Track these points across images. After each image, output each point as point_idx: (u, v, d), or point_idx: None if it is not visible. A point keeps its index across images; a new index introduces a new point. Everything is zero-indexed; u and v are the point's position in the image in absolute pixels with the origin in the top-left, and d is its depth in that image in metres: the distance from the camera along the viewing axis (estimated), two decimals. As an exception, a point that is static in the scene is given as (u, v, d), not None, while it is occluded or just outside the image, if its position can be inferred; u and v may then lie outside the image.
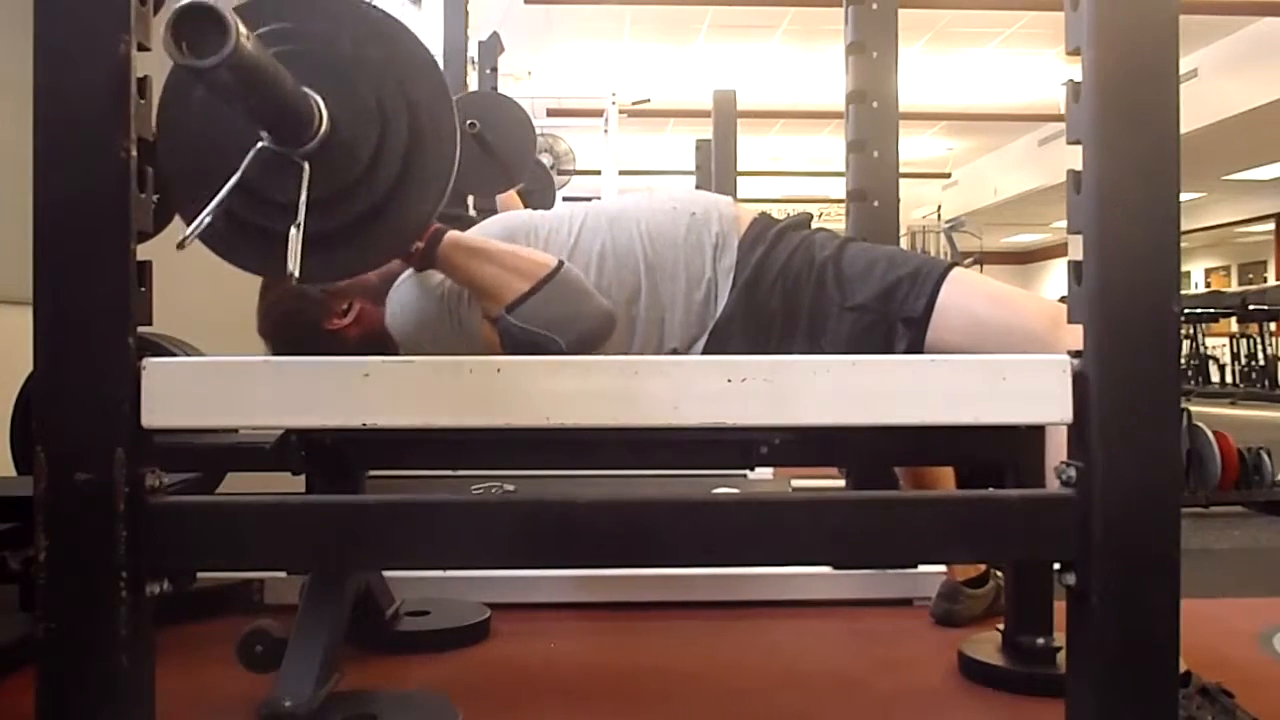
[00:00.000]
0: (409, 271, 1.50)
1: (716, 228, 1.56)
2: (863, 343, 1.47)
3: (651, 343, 1.52)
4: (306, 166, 0.96)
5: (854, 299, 1.50)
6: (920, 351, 1.47)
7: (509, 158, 2.22)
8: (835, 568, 2.03)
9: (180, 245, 0.94)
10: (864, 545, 1.03)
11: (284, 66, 0.91)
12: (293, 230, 0.95)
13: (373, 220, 1.00)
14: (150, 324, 0.94)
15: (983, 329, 1.47)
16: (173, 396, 0.94)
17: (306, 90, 0.95)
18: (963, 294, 1.50)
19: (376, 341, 1.49)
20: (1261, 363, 9.56)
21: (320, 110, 0.96)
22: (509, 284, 1.35)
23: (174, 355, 1.71)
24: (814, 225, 1.67)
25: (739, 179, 4.18)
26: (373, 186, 0.99)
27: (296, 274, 0.95)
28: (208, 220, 0.94)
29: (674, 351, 1.51)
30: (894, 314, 1.49)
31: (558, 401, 0.98)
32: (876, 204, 2.19)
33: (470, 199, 2.71)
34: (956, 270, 1.53)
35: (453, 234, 1.37)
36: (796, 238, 1.58)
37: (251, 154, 0.95)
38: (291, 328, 1.49)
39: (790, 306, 1.52)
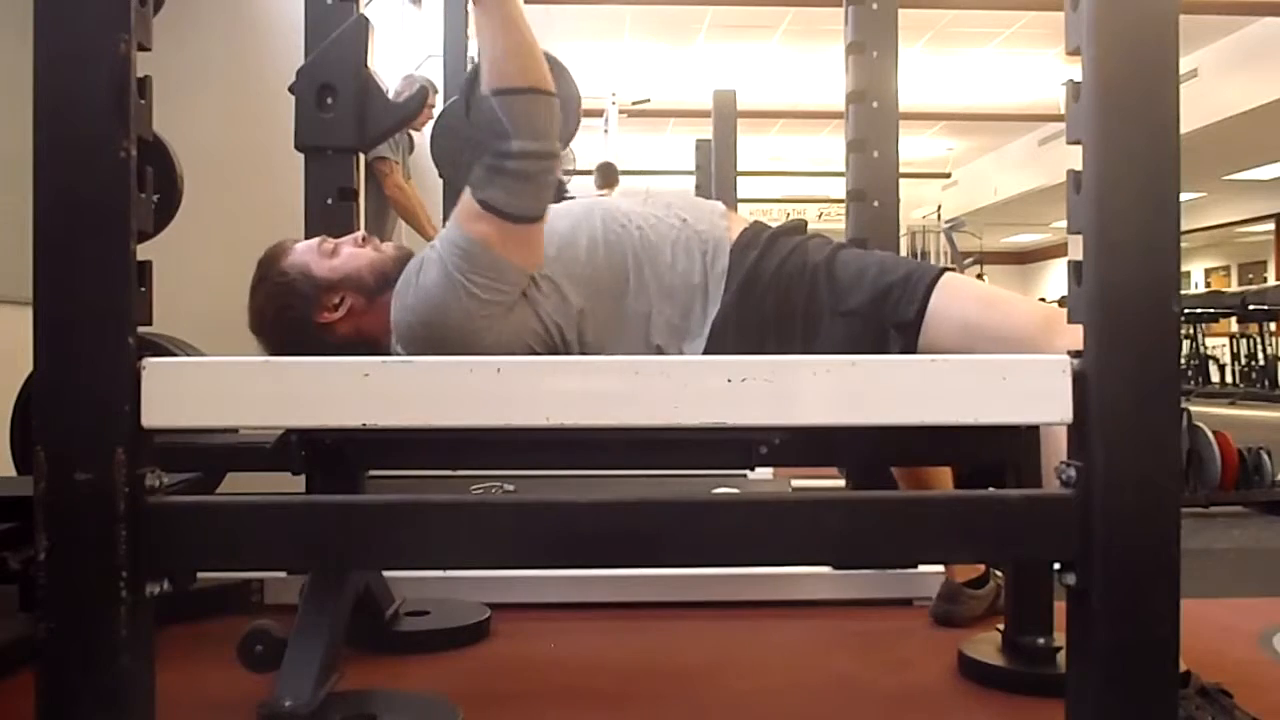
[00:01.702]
0: (413, 261, 1.50)
1: (709, 233, 1.56)
2: (855, 348, 1.47)
3: (638, 339, 1.52)
4: None
5: (846, 305, 1.50)
6: None
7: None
8: (835, 568, 2.03)
9: None
10: (864, 545, 1.03)
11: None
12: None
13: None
14: (150, 324, 0.94)
15: (974, 333, 1.47)
16: (173, 396, 0.94)
17: None
18: (954, 299, 1.50)
19: (368, 338, 1.49)
20: (1261, 363, 9.56)
21: None
22: (514, 70, 1.39)
23: (174, 355, 1.71)
24: (809, 230, 1.67)
25: (739, 179, 4.18)
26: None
27: None
28: None
29: (658, 350, 1.51)
30: (886, 319, 1.49)
31: (558, 401, 0.98)
32: (876, 204, 2.18)
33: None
34: (948, 275, 1.53)
35: None
36: (789, 243, 1.58)
37: None
38: (282, 323, 1.49)
39: (784, 312, 1.52)
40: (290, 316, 1.48)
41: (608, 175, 6.37)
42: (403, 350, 1.45)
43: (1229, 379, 10.30)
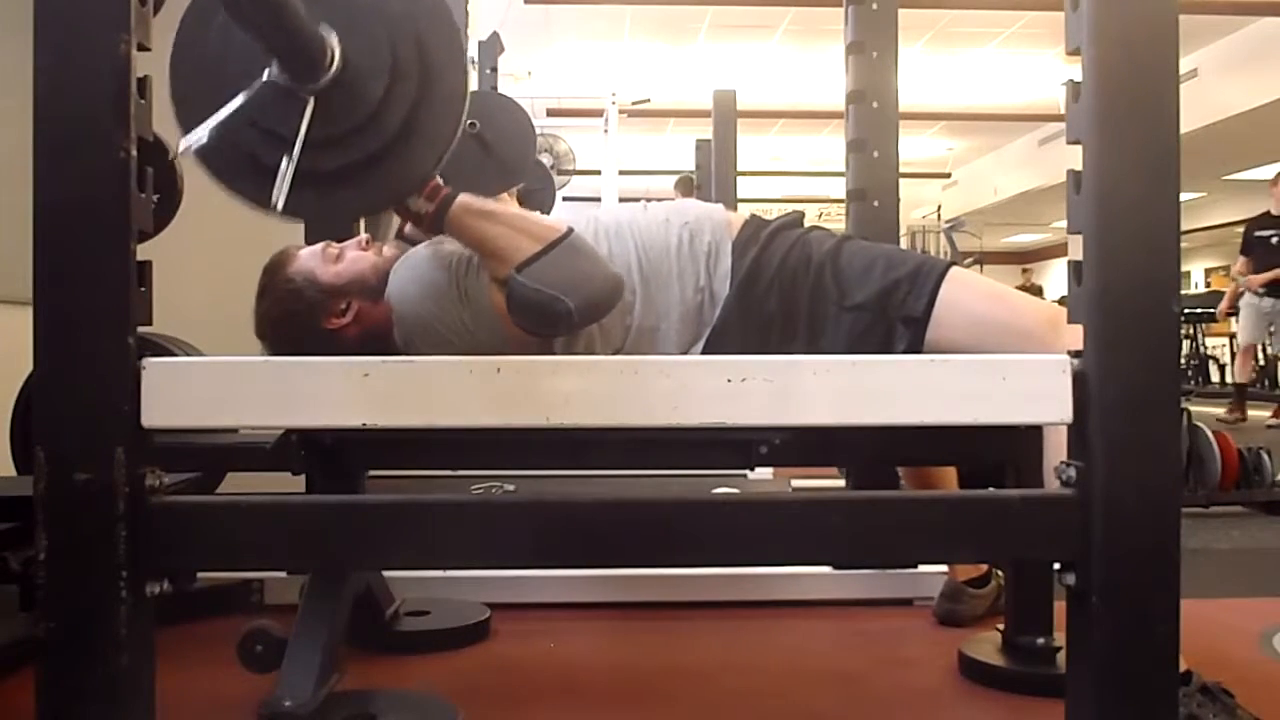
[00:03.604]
0: (413, 249, 1.50)
1: (709, 236, 1.55)
2: (862, 343, 1.47)
3: (646, 353, 1.52)
4: (311, 102, 0.96)
5: (853, 299, 1.50)
6: (919, 351, 1.47)
7: (509, 158, 2.22)
8: (835, 568, 2.03)
9: (175, 156, 0.96)
10: (864, 545, 1.03)
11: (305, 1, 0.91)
12: (284, 161, 0.96)
13: (373, 166, 1.02)
14: (150, 324, 0.94)
15: (982, 327, 1.47)
16: (173, 396, 0.95)
17: (324, 27, 0.95)
18: (962, 293, 1.50)
19: (376, 341, 1.49)
20: (1262, 363, 9.56)
21: (333, 50, 0.97)
22: (519, 245, 1.36)
23: (174, 355, 1.71)
24: (807, 224, 1.67)
25: (739, 179, 4.18)
26: (376, 133, 1.00)
27: (281, 206, 0.96)
28: (203, 139, 0.95)
29: None
30: (893, 314, 1.49)
31: (558, 401, 0.98)
32: (876, 204, 2.18)
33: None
34: (955, 269, 1.53)
35: (464, 197, 1.39)
36: (791, 236, 1.57)
37: (258, 84, 0.95)
38: (289, 329, 1.49)
39: (788, 307, 1.52)
40: (298, 323, 1.48)
41: (686, 188, 6.32)
42: (399, 337, 1.45)
43: (1229, 379, 10.29)
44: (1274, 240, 6.57)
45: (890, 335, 1.48)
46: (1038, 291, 13.32)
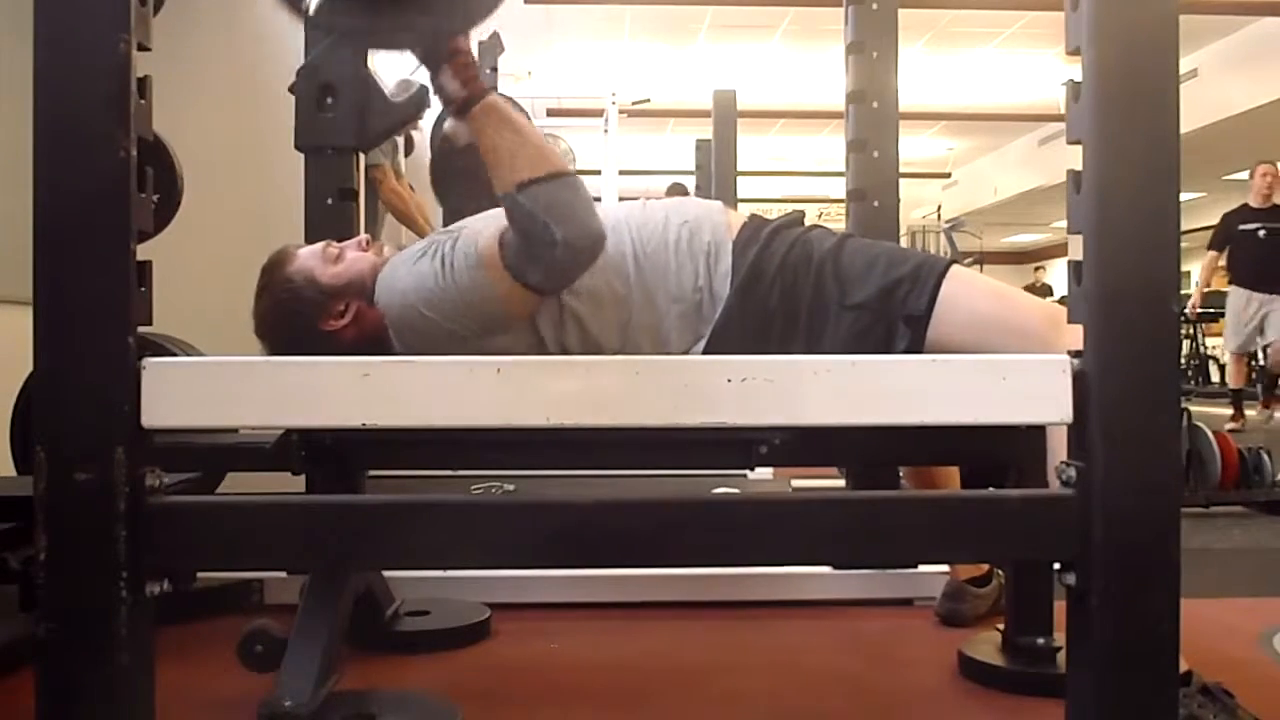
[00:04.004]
0: (416, 245, 1.51)
1: (709, 235, 1.55)
2: (863, 341, 1.47)
3: (645, 351, 1.52)
4: None
5: (854, 298, 1.50)
6: (920, 349, 1.47)
7: None
8: (835, 568, 2.03)
9: None
10: (864, 545, 1.03)
11: None
12: None
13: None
14: (150, 324, 0.94)
15: (983, 326, 1.47)
16: (173, 396, 0.95)
17: None
18: (963, 291, 1.50)
19: (374, 343, 1.49)
20: (1261, 363, 9.55)
21: None
22: (529, 162, 1.37)
23: (174, 355, 1.71)
24: (807, 224, 1.67)
25: (739, 179, 4.18)
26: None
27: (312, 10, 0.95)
28: None
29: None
30: (895, 313, 1.48)
31: (558, 401, 0.98)
32: (876, 204, 2.18)
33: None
34: (956, 268, 1.53)
35: (496, 97, 1.40)
36: (791, 235, 1.57)
37: None
38: (288, 329, 1.49)
39: (789, 306, 1.51)
40: (296, 323, 1.48)
41: (678, 194, 6.34)
42: (395, 337, 1.45)
43: (1229, 379, 10.28)
44: (1261, 234, 6.17)
45: (891, 334, 1.48)
46: (1048, 290, 13.30)
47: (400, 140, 4.21)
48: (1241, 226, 6.34)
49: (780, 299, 1.51)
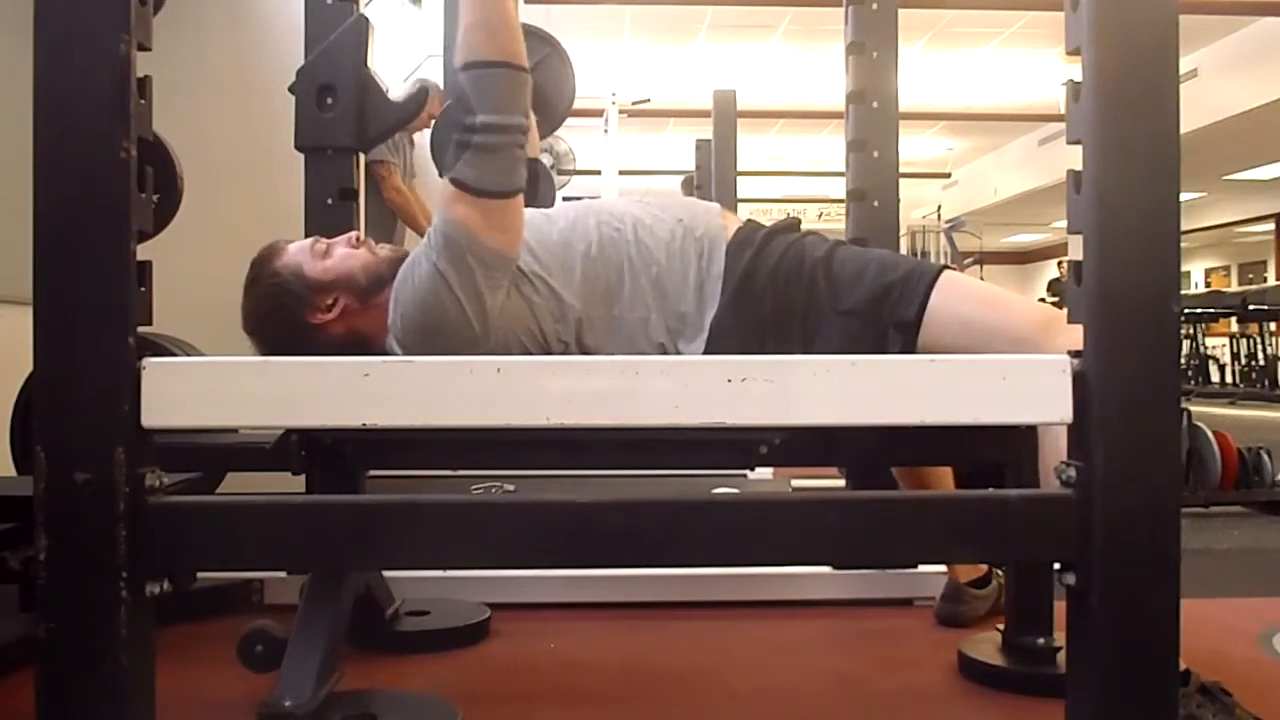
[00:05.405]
0: (411, 256, 1.50)
1: (704, 234, 1.55)
2: (855, 347, 1.47)
3: (636, 342, 1.51)
4: None
5: (845, 304, 1.50)
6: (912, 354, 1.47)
7: (551, 99, 2.20)
8: (835, 568, 2.03)
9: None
10: (864, 545, 1.03)
11: None
12: None
13: None
14: (150, 324, 0.94)
15: (974, 332, 1.47)
16: (173, 396, 0.94)
17: None
18: (954, 297, 1.50)
19: (361, 339, 1.49)
20: (1261, 363, 9.56)
21: None
22: (483, 43, 1.38)
23: (174, 355, 1.71)
24: (807, 226, 1.67)
25: (739, 179, 4.18)
26: None
27: None
28: None
29: (661, 349, 1.51)
30: (886, 319, 1.49)
31: (558, 401, 0.98)
32: (876, 204, 2.18)
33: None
34: (947, 274, 1.53)
35: None
36: (785, 240, 1.57)
37: None
38: (275, 323, 1.49)
39: (782, 311, 1.52)
40: (282, 317, 1.48)
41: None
42: (399, 348, 1.45)
43: (1229, 379, 10.30)
44: None
45: (883, 340, 1.48)
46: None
47: (406, 140, 4.20)
48: None
49: (773, 305, 1.51)
